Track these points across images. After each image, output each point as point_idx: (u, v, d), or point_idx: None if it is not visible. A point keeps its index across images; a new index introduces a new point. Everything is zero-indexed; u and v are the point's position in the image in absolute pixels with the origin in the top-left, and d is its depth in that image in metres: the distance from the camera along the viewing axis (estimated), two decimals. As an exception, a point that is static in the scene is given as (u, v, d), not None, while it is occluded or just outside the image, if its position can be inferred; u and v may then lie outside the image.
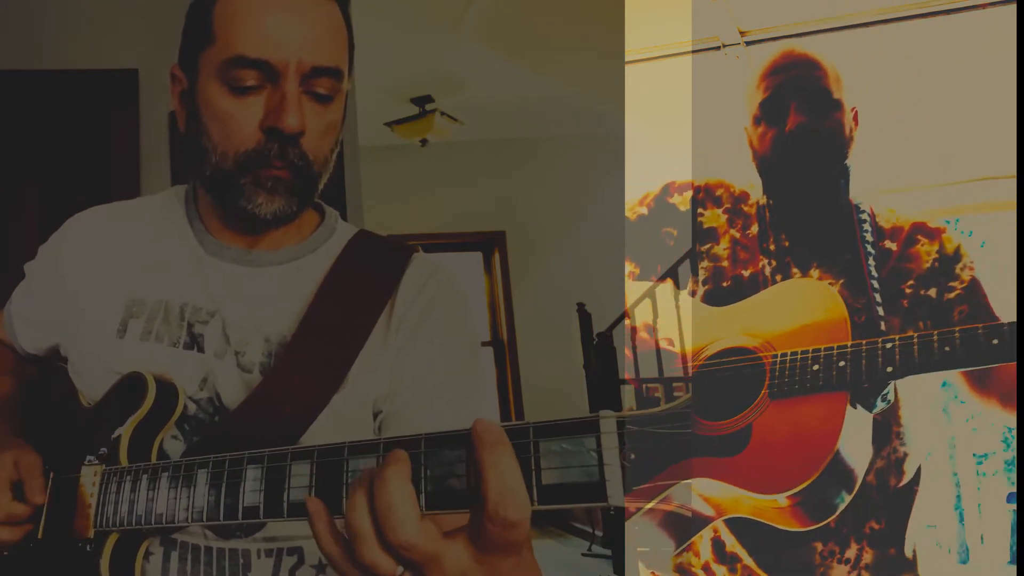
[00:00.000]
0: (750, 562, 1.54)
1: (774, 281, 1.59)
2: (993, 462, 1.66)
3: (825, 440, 1.38)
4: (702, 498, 1.51)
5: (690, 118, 1.77)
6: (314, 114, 0.78)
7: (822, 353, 1.39)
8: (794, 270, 1.60)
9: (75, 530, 0.77)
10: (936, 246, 1.55)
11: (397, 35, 3.89)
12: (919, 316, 1.52)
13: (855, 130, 1.58)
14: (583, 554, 4.39)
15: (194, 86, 0.81)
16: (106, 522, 0.74)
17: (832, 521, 1.44)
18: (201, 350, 0.83)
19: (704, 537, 1.57)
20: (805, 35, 1.81)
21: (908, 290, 1.53)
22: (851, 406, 1.40)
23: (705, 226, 1.69)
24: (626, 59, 1.93)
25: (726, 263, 1.65)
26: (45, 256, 0.95)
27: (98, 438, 0.80)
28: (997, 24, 1.64)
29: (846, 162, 1.58)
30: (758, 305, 1.57)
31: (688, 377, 1.63)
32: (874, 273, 1.53)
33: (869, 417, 1.45)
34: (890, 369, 1.34)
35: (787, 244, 1.61)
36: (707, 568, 1.58)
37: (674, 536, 1.60)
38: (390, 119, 4.98)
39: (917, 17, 1.74)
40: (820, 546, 1.50)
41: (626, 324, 1.81)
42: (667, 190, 1.77)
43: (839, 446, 1.38)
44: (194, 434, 0.81)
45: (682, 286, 1.71)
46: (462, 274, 5.66)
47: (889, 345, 1.34)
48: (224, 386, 0.81)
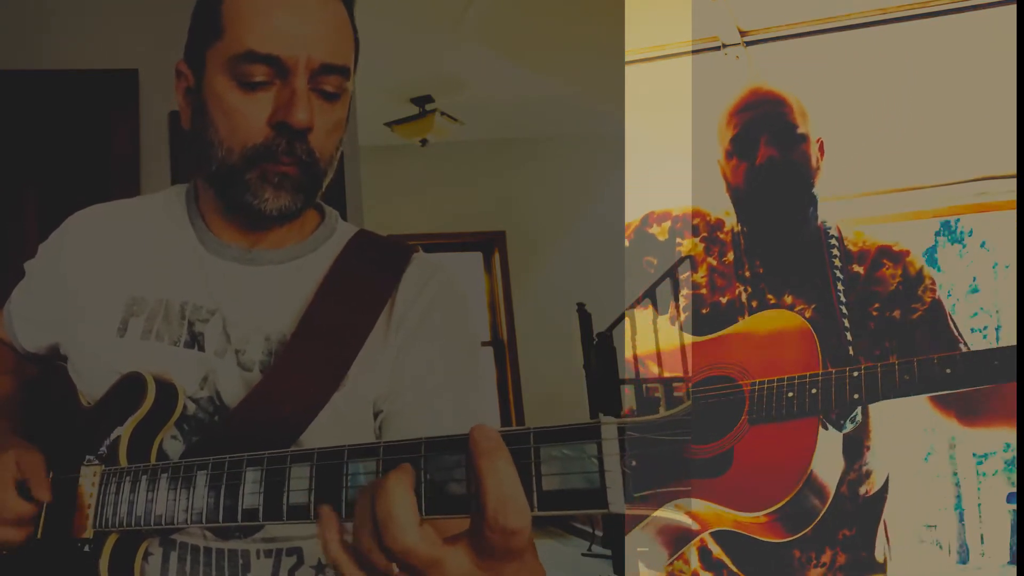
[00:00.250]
0: (734, 569, 1.62)
1: (751, 307, 1.66)
2: (993, 462, 1.67)
3: (800, 461, 1.49)
4: (688, 515, 1.61)
5: (690, 118, 1.77)
6: (321, 111, 0.79)
7: (796, 381, 1.49)
8: (769, 296, 1.67)
9: (74, 530, 0.77)
10: (900, 269, 1.62)
11: (397, 35, 3.89)
12: (885, 336, 1.59)
13: (821, 160, 1.66)
14: (583, 554, 4.38)
15: (200, 82, 0.81)
16: (105, 522, 0.74)
17: (809, 531, 1.54)
18: (201, 349, 0.83)
19: (692, 547, 1.66)
20: (805, 35, 1.81)
21: (875, 312, 1.60)
22: (822, 427, 1.51)
23: (684, 254, 1.75)
24: (626, 59, 1.93)
25: (704, 290, 1.71)
26: (45, 255, 0.95)
27: (97, 438, 0.79)
28: (997, 24, 1.65)
29: (813, 191, 1.66)
30: (735, 335, 1.65)
31: (688, 377, 1.66)
32: (843, 299, 1.60)
33: (839, 435, 1.56)
34: (856, 396, 1.44)
35: (761, 271, 1.68)
36: (696, 575, 1.65)
37: (667, 545, 1.67)
38: (390, 119, 4.97)
39: (917, 17, 1.74)
40: (798, 552, 1.58)
41: (626, 325, 1.83)
42: (647, 220, 1.81)
43: (813, 466, 1.48)
44: (193, 434, 0.81)
45: (662, 311, 1.76)
46: (462, 274, 5.66)
47: (856, 374, 1.44)
48: (224, 385, 0.81)
